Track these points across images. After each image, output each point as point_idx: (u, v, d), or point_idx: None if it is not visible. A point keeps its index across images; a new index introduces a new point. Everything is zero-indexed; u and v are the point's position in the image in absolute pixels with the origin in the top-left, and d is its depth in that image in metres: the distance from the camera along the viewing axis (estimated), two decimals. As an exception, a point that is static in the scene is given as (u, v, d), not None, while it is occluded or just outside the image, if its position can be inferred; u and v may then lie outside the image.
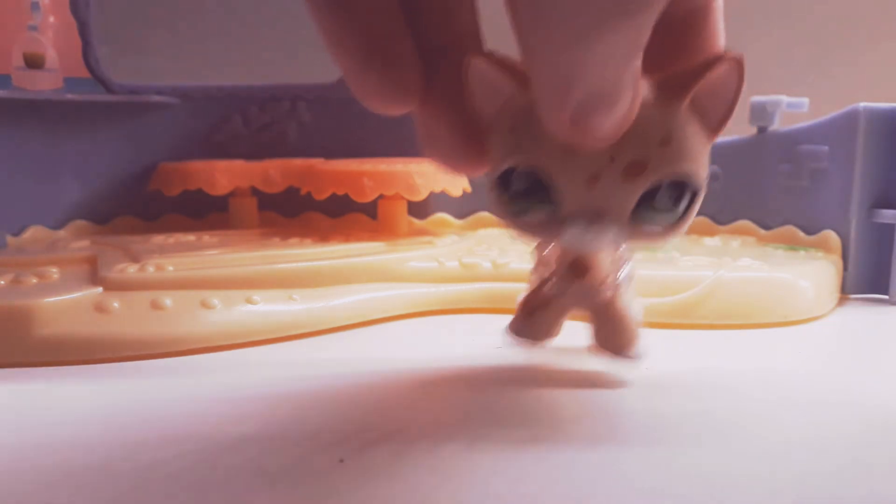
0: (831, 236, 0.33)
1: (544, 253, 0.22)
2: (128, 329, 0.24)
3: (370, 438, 0.18)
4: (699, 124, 0.16)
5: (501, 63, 0.16)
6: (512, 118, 0.16)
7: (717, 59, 0.15)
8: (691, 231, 0.39)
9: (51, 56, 0.35)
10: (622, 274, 0.21)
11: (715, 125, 0.16)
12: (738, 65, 0.15)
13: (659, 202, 0.16)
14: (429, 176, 0.34)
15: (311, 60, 0.47)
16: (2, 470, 0.16)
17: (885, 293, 0.32)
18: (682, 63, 0.17)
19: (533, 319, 0.22)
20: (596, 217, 0.16)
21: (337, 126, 0.40)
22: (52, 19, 0.36)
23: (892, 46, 0.50)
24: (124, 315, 0.24)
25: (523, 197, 0.17)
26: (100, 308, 0.24)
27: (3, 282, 0.25)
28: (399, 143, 0.39)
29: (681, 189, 0.16)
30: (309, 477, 0.16)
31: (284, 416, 0.19)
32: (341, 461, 0.16)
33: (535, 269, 0.22)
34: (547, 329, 0.22)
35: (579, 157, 0.16)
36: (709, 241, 0.36)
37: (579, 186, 0.16)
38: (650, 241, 0.17)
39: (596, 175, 0.16)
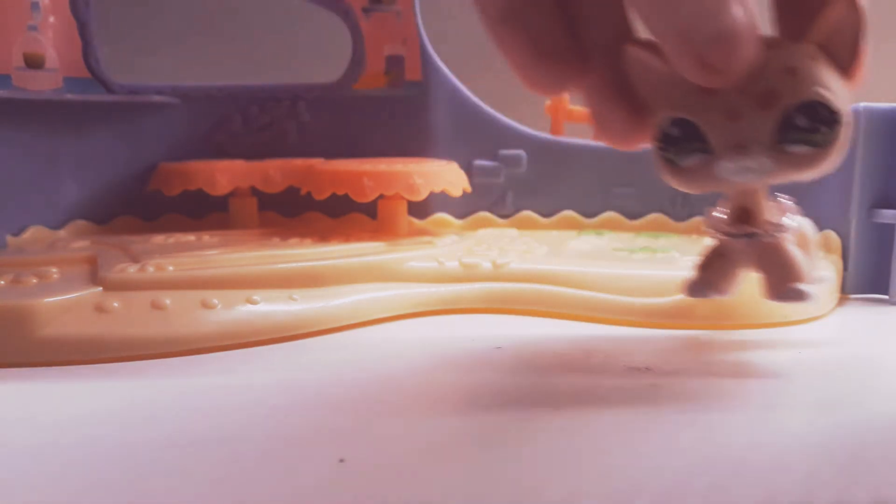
0: (831, 236, 0.33)
1: (714, 214, 0.23)
2: (128, 329, 0.24)
3: (370, 438, 0.18)
4: (830, 64, 0.19)
5: (651, 47, 0.19)
6: (663, 85, 0.19)
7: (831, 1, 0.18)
8: (691, 231, 0.39)
9: (51, 56, 0.35)
10: (787, 220, 0.22)
11: (846, 65, 0.19)
12: (852, 2, 0.18)
13: (798, 124, 0.18)
14: (429, 176, 0.34)
15: (311, 60, 0.47)
16: (1, 470, 0.16)
17: (885, 293, 0.32)
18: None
19: (709, 273, 0.23)
20: (742, 148, 0.18)
21: (337, 126, 0.40)
22: (52, 19, 0.35)
23: (892, 46, 0.50)
24: (124, 315, 0.24)
25: (679, 144, 0.19)
26: (100, 308, 0.24)
27: (3, 282, 0.25)
28: (399, 143, 0.39)
29: (819, 116, 0.18)
30: (309, 477, 0.16)
31: (284, 416, 0.19)
32: (341, 461, 0.16)
33: (710, 222, 0.23)
34: (722, 281, 0.23)
35: (717, 96, 0.18)
36: (709, 242, 0.36)
37: (722, 122, 0.19)
38: (800, 169, 0.19)
39: (735, 109, 0.18)
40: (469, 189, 0.36)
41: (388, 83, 0.39)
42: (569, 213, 0.40)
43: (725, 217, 0.23)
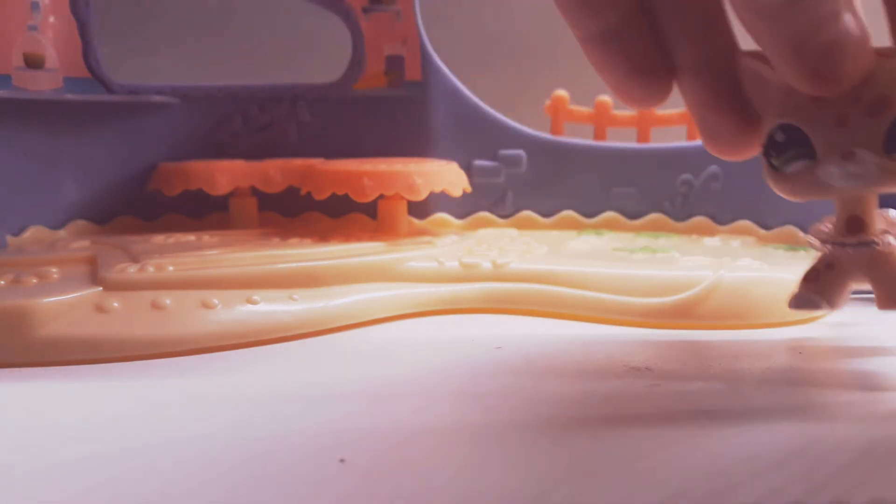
0: (831, 236, 0.33)
1: (820, 226, 0.23)
2: (128, 329, 0.24)
3: (370, 438, 0.18)
4: None
5: (763, 57, 0.20)
6: (773, 94, 0.20)
7: None
8: (691, 231, 0.39)
9: (51, 56, 0.35)
10: None
11: None
12: None
13: None
14: (429, 176, 0.34)
15: (311, 60, 0.47)
16: (1, 470, 0.16)
17: (885, 293, 0.31)
18: None
19: (817, 285, 0.23)
20: (849, 154, 0.19)
21: (337, 126, 0.40)
22: (52, 19, 0.35)
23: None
24: (124, 315, 0.24)
25: (785, 150, 0.20)
26: (100, 308, 0.24)
27: (3, 282, 0.25)
28: (399, 143, 0.39)
29: None
30: (309, 477, 0.16)
31: (284, 416, 0.19)
32: (341, 461, 0.16)
33: (816, 234, 0.23)
34: (832, 292, 0.23)
35: (827, 103, 0.19)
36: (709, 241, 0.36)
37: (830, 129, 0.19)
38: None
39: (843, 116, 0.19)
40: (469, 189, 0.36)
41: (388, 83, 0.39)
42: (569, 213, 0.40)
43: (831, 228, 0.23)
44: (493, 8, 0.55)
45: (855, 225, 0.22)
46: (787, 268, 0.29)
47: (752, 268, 0.29)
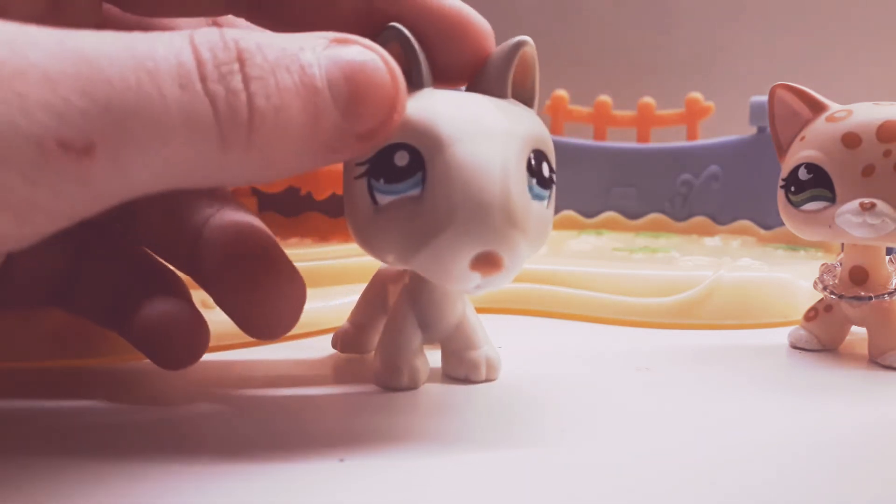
0: (831, 236, 0.33)
1: (829, 263, 0.24)
2: (128, 329, 0.24)
3: (370, 438, 0.18)
4: None
5: (797, 90, 0.21)
6: (804, 130, 0.21)
7: None
8: (691, 231, 0.39)
9: (51, 56, 0.35)
10: None
11: None
12: None
13: None
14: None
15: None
16: (2, 469, 0.16)
17: (885, 293, 0.31)
18: None
19: (814, 324, 0.24)
20: (870, 205, 0.19)
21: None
22: (52, 19, 0.36)
23: (891, 47, 0.50)
24: (124, 315, 0.24)
25: (806, 188, 0.21)
26: (100, 308, 0.24)
27: (3, 282, 0.25)
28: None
29: None
30: (309, 477, 0.16)
31: (285, 416, 0.19)
32: (341, 461, 0.16)
33: (820, 278, 0.24)
34: (828, 334, 0.24)
35: (857, 152, 0.19)
36: (709, 241, 0.36)
37: (855, 176, 0.20)
38: None
39: (871, 167, 0.19)
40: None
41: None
42: (569, 213, 0.40)
43: (837, 273, 0.23)
44: (492, 8, 0.55)
45: (857, 276, 0.22)
46: (787, 268, 0.29)
47: (751, 268, 0.29)
